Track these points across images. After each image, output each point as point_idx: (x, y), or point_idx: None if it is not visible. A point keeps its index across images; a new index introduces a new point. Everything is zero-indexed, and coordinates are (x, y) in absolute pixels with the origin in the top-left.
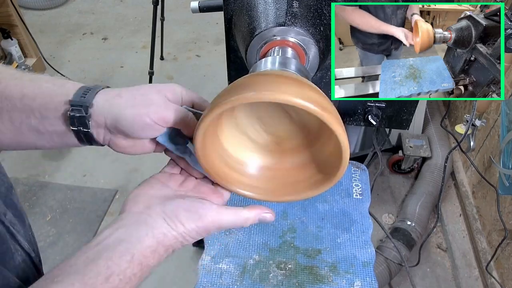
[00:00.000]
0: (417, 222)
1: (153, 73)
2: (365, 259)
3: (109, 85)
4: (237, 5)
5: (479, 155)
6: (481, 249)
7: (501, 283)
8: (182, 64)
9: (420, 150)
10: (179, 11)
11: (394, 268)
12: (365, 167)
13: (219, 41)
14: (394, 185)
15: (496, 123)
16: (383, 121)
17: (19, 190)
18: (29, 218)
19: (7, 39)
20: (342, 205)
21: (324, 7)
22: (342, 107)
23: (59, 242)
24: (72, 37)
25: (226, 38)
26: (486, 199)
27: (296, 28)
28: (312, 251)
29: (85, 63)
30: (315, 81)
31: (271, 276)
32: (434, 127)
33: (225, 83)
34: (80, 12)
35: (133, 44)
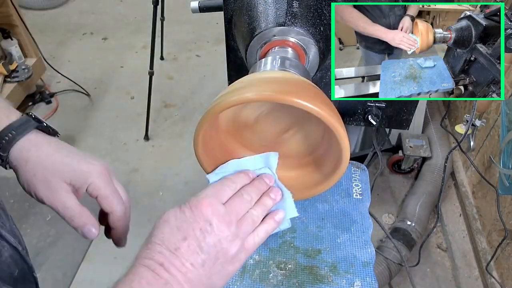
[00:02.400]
0: (417, 222)
1: (153, 73)
2: (365, 259)
3: (109, 85)
4: (237, 5)
5: (479, 155)
6: (481, 249)
7: (501, 283)
8: (182, 64)
9: (420, 150)
10: (179, 11)
11: (394, 268)
12: (365, 167)
13: (219, 41)
14: (394, 185)
15: (496, 123)
16: (383, 121)
17: (19, 190)
18: (29, 218)
19: (7, 39)
20: (342, 205)
21: (324, 7)
22: (342, 107)
23: (59, 242)
24: (72, 37)
25: (226, 38)
26: (486, 199)
27: (296, 28)
28: (312, 251)
29: (85, 63)
30: (315, 81)
31: (271, 276)
32: (434, 127)
33: (225, 83)
34: (80, 12)
35: (133, 44)
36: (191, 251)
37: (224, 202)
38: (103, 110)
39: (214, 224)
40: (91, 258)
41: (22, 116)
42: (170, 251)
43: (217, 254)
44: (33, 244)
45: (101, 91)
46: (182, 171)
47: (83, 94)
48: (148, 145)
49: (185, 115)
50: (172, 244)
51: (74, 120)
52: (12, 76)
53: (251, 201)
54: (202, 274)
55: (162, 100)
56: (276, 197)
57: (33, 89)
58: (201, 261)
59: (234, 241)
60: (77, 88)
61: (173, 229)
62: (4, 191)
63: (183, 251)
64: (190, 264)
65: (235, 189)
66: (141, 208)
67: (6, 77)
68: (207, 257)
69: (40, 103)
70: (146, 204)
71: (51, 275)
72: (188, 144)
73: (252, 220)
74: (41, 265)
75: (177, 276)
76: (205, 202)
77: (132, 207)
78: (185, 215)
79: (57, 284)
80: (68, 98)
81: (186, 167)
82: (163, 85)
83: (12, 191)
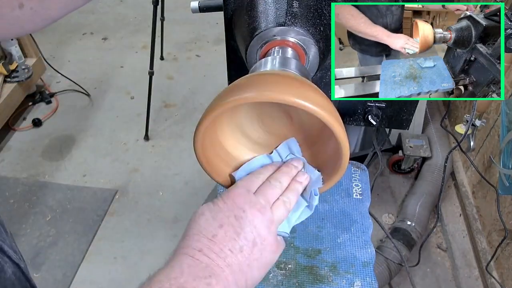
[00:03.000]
0: (417, 222)
1: (153, 73)
2: (365, 259)
3: (109, 85)
4: (237, 5)
5: (479, 155)
6: (481, 249)
7: (501, 283)
8: (182, 64)
9: (420, 150)
10: (179, 11)
11: (394, 268)
12: (365, 167)
13: (219, 41)
14: (394, 185)
15: (496, 123)
16: (383, 121)
17: (19, 190)
18: (29, 218)
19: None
20: (342, 205)
21: (324, 7)
22: (342, 107)
23: (59, 242)
24: (72, 37)
25: (226, 38)
26: (486, 199)
27: (296, 28)
28: (312, 251)
29: (85, 63)
30: (315, 81)
31: (271, 276)
32: (434, 127)
33: (225, 83)
34: (80, 12)
35: (133, 44)
36: (228, 237)
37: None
38: (103, 110)
39: (247, 210)
40: (91, 258)
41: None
42: (208, 238)
43: (254, 239)
44: (33, 244)
45: (101, 91)
46: (182, 171)
47: (83, 94)
48: (148, 145)
49: (185, 115)
50: (209, 232)
51: (74, 120)
52: (12, 76)
53: (282, 187)
54: (241, 260)
55: (162, 100)
56: (304, 181)
57: (33, 89)
58: (239, 247)
59: (270, 227)
60: (77, 88)
61: (209, 219)
62: (4, 191)
63: (220, 238)
64: (229, 250)
65: (263, 179)
66: (141, 208)
67: (6, 77)
68: (244, 243)
69: (40, 103)
70: (146, 204)
71: (51, 275)
72: (188, 144)
73: (284, 205)
74: (41, 265)
75: (216, 261)
76: (235, 192)
77: (132, 207)
78: (219, 206)
79: (57, 284)
80: (68, 98)
81: (186, 167)
82: (163, 85)
83: (12, 191)
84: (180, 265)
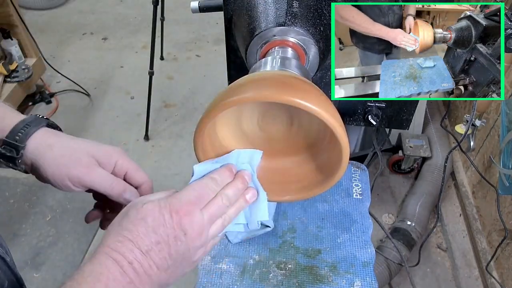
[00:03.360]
0: (417, 222)
1: (153, 73)
2: (365, 259)
3: (109, 85)
4: (237, 5)
5: (479, 155)
6: (481, 249)
7: (501, 283)
8: (182, 64)
9: (420, 150)
10: (179, 11)
11: (394, 268)
12: (365, 167)
13: (219, 41)
14: (394, 185)
15: (496, 123)
16: (383, 121)
17: (19, 190)
18: (29, 218)
19: (7, 39)
20: (342, 205)
21: (324, 7)
22: (342, 107)
23: (59, 242)
24: (72, 37)
25: (226, 38)
26: (486, 199)
27: (296, 28)
28: (312, 251)
29: (85, 63)
30: (315, 81)
31: (271, 276)
32: (434, 127)
33: (225, 83)
34: (80, 12)
35: (133, 44)
36: (160, 256)
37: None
38: (103, 110)
39: (188, 234)
40: None
41: (32, 115)
42: (142, 253)
43: (182, 261)
44: (33, 244)
45: (101, 91)
46: (182, 171)
47: (83, 94)
48: (148, 145)
49: (185, 115)
50: (145, 245)
51: (74, 120)
52: (12, 76)
53: (229, 205)
54: (163, 277)
55: (162, 100)
56: (251, 200)
57: (33, 89)
58: (167, 266)
59: (200, 248)
60: (77, 88)
61: (149, 229)
62: (4, 191)
63: (153, 255)
64: (157, 268)
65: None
66: None
67: (6, 77)
68: (172, 263)
69: (40, 103)
70: None
71: (51, 275)
72: (188, 144)
73: (222, 224)
74: (41, 265)
75: (142, 277)
76: (185, 210)
77: None
78: (164, 219)
79: (57, 284)
80: (68, 98)
81: (186, 167)
82: (163, 85)
83: (12, 191)
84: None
